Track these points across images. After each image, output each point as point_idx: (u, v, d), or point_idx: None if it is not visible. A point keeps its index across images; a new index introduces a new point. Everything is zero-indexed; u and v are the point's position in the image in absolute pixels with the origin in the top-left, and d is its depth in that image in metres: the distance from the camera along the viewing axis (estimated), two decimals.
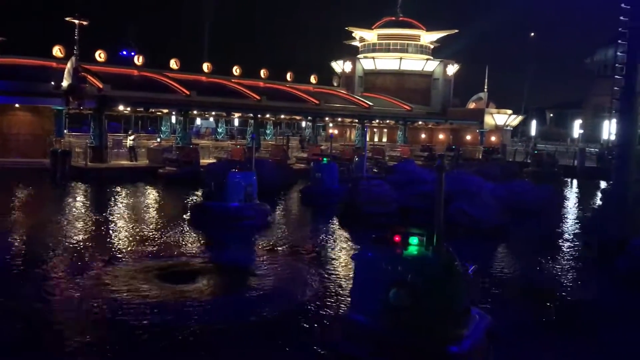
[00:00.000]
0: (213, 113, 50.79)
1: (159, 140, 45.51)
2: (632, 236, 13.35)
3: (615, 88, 18.07)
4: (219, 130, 56.04)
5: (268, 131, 57.31)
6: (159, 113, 47.87)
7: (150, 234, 17.10)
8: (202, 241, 16.62)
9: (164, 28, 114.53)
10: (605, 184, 31.79)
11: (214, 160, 34.38)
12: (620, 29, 17.25)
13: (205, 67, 52.21)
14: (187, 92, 43.14)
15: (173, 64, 49.59)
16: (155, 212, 22.20)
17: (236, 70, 54.21)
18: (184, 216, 20.09)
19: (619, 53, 18.04)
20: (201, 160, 33.86)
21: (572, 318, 11.02)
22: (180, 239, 16.55)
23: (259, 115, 47.58)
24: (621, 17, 17.07)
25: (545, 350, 9.18)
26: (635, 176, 17.58)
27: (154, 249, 15.13)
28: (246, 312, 10.35)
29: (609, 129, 47.75)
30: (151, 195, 27.18)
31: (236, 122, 63.86)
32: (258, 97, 47.88)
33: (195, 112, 47.05)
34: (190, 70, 51.37)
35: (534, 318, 10.79)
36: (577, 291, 12.91)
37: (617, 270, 12.67)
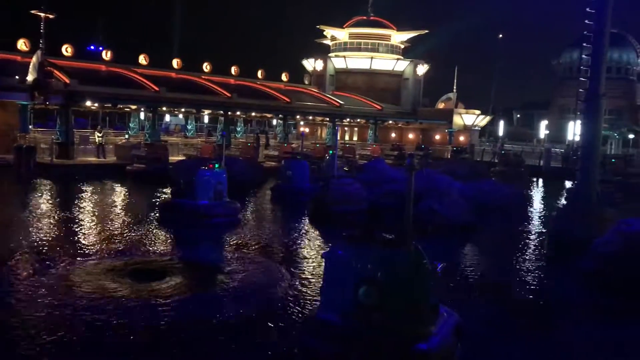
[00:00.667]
0: (183, 110, 50.26)
1: (127, 136, 44.85)
2: (595, 235, 13.65)
3: (580, 90, 18.46)
4: (189, 127, 55.48)
5: (239, 129, 56.97)
6: (128, 109, 47.15)
7: (118, 231, 16.84)
8: (170, 239, 16.44)
9: (133, 23, 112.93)
10: (570, 184, 32.47)
11: (183, 158, 34.03)
12: (585, 32, 17.62)
13: (175, 63, 51.61)
14: (157, 89, 42.58)
15: (142, 59, 48.89)
16: (122, 209, 21.88)
17: (206, 67, 53.71)
18: (153, 214, 19.84)
19: (584, 56, 18.43)
20: (170, 158, 33.51)
21: (538, 315, 11.24)
22: (149, 237, 16.34)
23: (229, 113, 47.22)
24: (586, 21, 17.44)
25: (512, 346, 9.33)
26: (599, 176, 18.03)
27: (122, 247, 14.90)
28: (215, 311, 10.26)
29: (574, 130, 48.73)
30: (119, 192, 26.77)
31: (206, 119, 63.34)
32: (228, 94, 47.54)
33: (164, 108, 46.50)
34: (160, 66, 50.73)
35: (501, 315, 10.98)
36: (543, 289, 13.17)
37: (581, 268, 12.94)
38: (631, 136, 75.04)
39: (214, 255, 14.89)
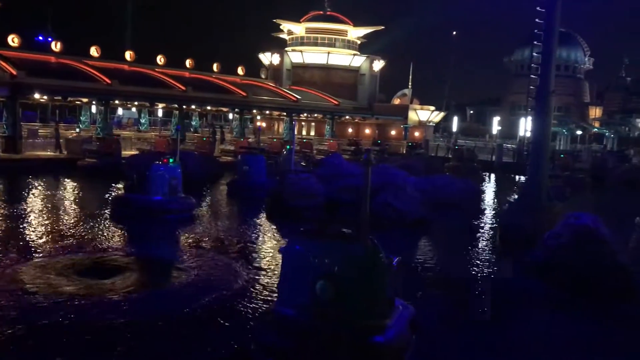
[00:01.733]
0: (136, 103, 49.27)
1: (78, 130, 43.65)
2: (545, 229, 14.03)
3: (531, 87, 18.98)
4: (142, 121, 54.41)
5: (194, 122, 56.20)
6: (78, 102, 45.91)
7: (68, 227, 16.37)
8: (123, 235, 16.10)
9: (84, 13, 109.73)
10: (521, 179, 33.34)
11: (137, 152, 33.36)
12: (536, 31, 18.09)
13: (128, 55, 50.46)
14: (109, 81, 41.54)
15: (94, 51, 47.61)
16: (73, 205, 21.27)
17: (160, 60, 52.73)
18: (105, 210, 19.37)
19: (534, 53, 18.96)
20: (123, 152, 32.80)
21: (489, 307, 11.50)
22: (101, 233, 15.94)
23: (184, 106, 46.54)
24: (537, 19, 17.90)
25: (464, 338, 9.52)
26: (549, 171, 18.55)
27: (72, 243, 14.48)
28: (170, 307, 10.11)
29: (525, 126, 50.11)
30: (69, 187, 26.03)
31: (160, 113, 62.24)
32: (183, 88, 46.80)
33: (117, 101, 45.45)
34: (112, 58, 49.52)
35: (454, 307, 11.19)
36: (494, 281, 13.47)
37: (531, 261, 13.28)
38: (579, 132, 77.67)
39: (169, 252, 14.64)
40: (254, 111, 55.56)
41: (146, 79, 47.26)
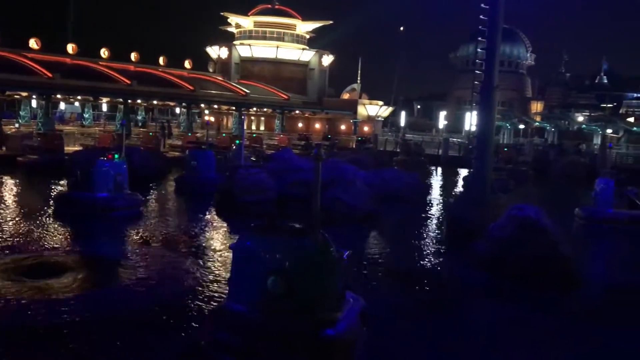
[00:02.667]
0: (79, 97, 47.87)
1: (17, 125, 42.01)
2: (490, 220, 14.42)
3: (476, 82, 19.36)
4: (86, 115, 52.85)
5: (139, 117, 55.00)
6: (17, 96, 44.15)
7: (9, 227, 15.75)
8: (67, 234, 15.62)
9: (21, 4, 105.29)
10: (467, 172, 34.14)
11: (80, 148, 32.36)
12: (480, 27, 18.48)
13: (70, 48, 48.93)
14: (50, 75, 40.14)
15: (33, 43, 45.92)
16: (14, 203, 20.46)
17: (104, 53, 51.35)
18: (47, 208, 18.74)
19: (479, 50, 19.34)
20: (66, 148, 31.77)
21: (437, 298, 11.77)
22: (44, 232, 15.40)
23: (129, 101, 45.49)
24: (481, 16, 18.29)
25: (413, 328, 9.71)
26: (493, 165, 19.06)
27: (14, 243, 13.95)
28: (117, 307, 9.89)
29: (471, 120, 51.32)
30: (9, 185, 25.02)
31: (104, 107, 60.62)
32: (128, 82, 45.71)
33: (58, 96, 44.02)
34: (53, 51, 47.92)
35: (403, 299, 11.40)
36: (441, 273, 13.80)
37: (476, 252, 13.64)
38: (522, 126, 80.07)
39: (115, 250, 14.29)
40: (202, 105, 54.84)
41: (89, 72, 45.91)
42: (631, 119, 79.14)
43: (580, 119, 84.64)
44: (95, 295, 10.53)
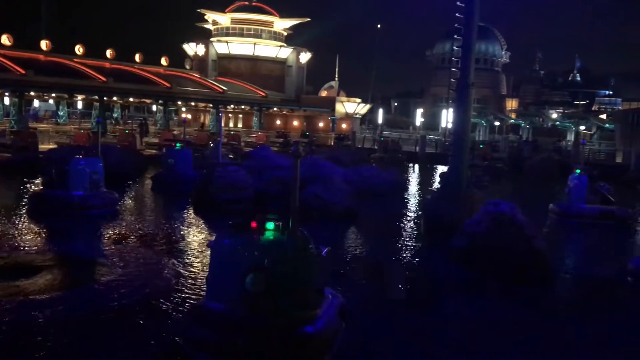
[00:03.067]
0: (53, 95, 47.12)
1: None
2: (466, 216, 14.61)
3: (452, 80, 19.57)
4: (60, 113, 52.07)
5: (115, 115, 54.37)
6: None
7: None
8: (42, 233, 15.40)
9: None
10: (443, 169, 34.47)
11: (55, 146, 31.90)
12: (456, 25, 18.68)
13: (44, 44, 48.11)
14: (23, 71, 39.44)
15: (5, 39, 45.06)
16: None
17: (79, 50, 50.60)
18: (21, 207, 18.45)
19: (455, 47, 19.57)
20: (40, 146, 31.29)
21: (415, 293, 11.90)
22: (18, 231, 15.16)
23: (105, 98, 44.92)
24: (457, 14, 18.48)
25: (391, 323, 9.80)
26: (469, 161, 19.28)
27: None
28: (94, 306, 9.80)
29: (447, 118, 51.77)
30: None
31: (80, 105, 59.78)
32: (104, 79, 45.15)
33: (32, 93, 43.28)
34: (26, 47, 47.02)
35: (382, 294, 11.50)
36: (419, 268, 13.94)
37: (453, 247, 13.81)
38: (497, 123, 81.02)
39: (91, 249, 14.14)
40: (179, 103, 54.39)
41: (64, 69, 45.23)
42: (603, 116, 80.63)
43: (554, 115, 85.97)
44: (71, 295, 10.41)
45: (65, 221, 16.57)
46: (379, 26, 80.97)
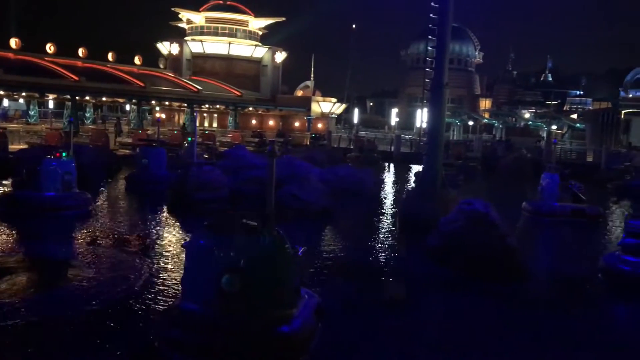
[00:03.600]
0: (24, 94, 46.25)
1: None
2: (441, 215, 14.73)
3: (426, 80, 19.74)
4: (31, 113, 51.11)
5: (88, 114, 53.59)
6: None
7: None
8: (12, 235, 15.10)
9: None
10: (418, 168, 34.72)
11: (26, 146, 31.29)
12: (430, 26, 18.83)
13: (13, 42, 47.19)
14: None
15: None
16: None
17: (50, 48, 49.73)
18: None
19: (429, 48, 19.72)
20: (10, 146, 30.64)
21: (391, 291, 11.96)
22: None
23: (77, 97, 44.22)
24: (431, 15, 18.64)
25: (367, 322, 9.84)
26: (443, 160, 19.45)
27: None
28: (66, 309, 9.62)
29: (422, 117, 52.14)
30: None
31: (51, 104, 58.77)
32: (76, 78, 44.48)
33: (1, 92, 42.37)
34: None
35: (358, 293, 11.52)
36: (394, 267, 14.02)
37: (427, 246, 13.92)
38: (471, 123, 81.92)
39: (64, 250, 13.91)
40: (153, 102, 53.83)
41: (35, 68, 44.44)
42: (574, 116, 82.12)
43: (527, 115, 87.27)
44: (44, 297, 10.24)
45: (36, 222, 16.29)
46: (354, 26, 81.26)
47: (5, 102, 59.64)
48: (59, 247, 14.24)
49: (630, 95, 64.01)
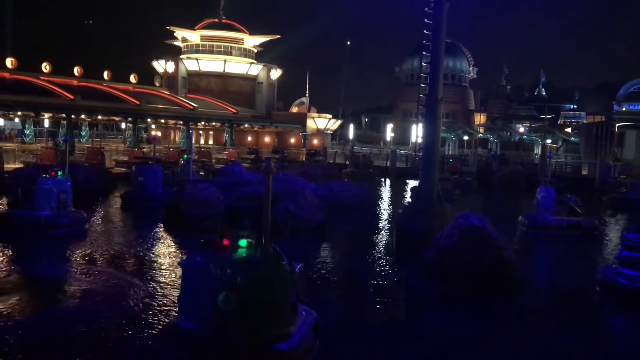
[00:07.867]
0: (19, 113, 46.19)
1: None
2: (437, 229, 14.72)
3: (421, 95, 19.80)
4: (27, 132, 51.08)
5: (83, 133, 53.58)
6: None
7: None
8: (7, 254, 15.01)
9: None
10: (414, 183, 34.75)
11: (21, 165, 31.22)
12: (424, 42, 18.96)
13: (9, 62, 47.33)
14: None
15: None
16: None
17: (46, 67, 49.86)
18: None
19: (423, 63, 19.86)
20: (6, 165, 30.56)
21: (387, 306, 11.91)
22: None
23: (72, 116, 44.23)
24: (425, 31, 18.78)
25: (365, 337, 9.78)
26: (439, 175, 19.49)
27: None
28: (61, 328, 9.56)
29: (417, 132, 52.27)
30: None
31: (47, 123, 58.74)
32: (71, 97, 44.50)
33: None
34: None
35: (355, 309, 11.48)
36: (390, 282, 13.97)
37: (424, 260, 13.89)
38: (466, 137, 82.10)
39: (58, 270, 13.81)
40: (148, 120, 53.84)
41: (30, 87, 44.49)
42: (568, 129, 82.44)
43: (521, 129, 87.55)
44: (39, 317, 10.17)
45: (31, 242, 16.20)
46: (348, 43, 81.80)
47: (1, 122, 59.60)
48: (54, 267, 14.11)
49: (624, 109, 64.43)
